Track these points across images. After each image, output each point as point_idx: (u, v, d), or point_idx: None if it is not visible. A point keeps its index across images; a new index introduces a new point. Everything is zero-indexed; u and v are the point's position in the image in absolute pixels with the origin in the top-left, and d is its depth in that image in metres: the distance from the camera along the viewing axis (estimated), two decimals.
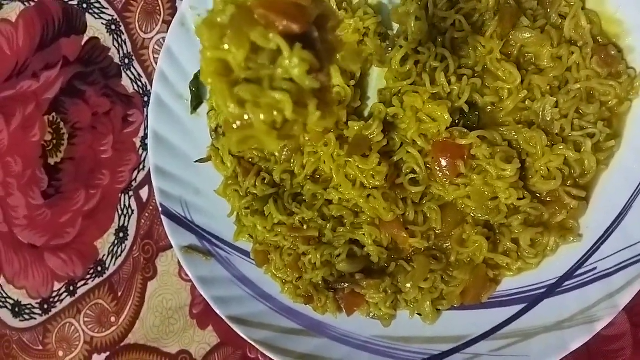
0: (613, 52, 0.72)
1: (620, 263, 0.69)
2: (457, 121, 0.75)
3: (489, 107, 0.76)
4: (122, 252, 1.03)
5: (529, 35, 0.73)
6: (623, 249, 0.69)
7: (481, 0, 0.75)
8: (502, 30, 0.73)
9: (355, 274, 0.80)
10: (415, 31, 0.77)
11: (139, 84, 1.05)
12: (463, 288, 0.76)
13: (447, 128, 0.75)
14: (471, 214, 0.77)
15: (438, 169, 0.76)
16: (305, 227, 0.83)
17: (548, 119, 0.73)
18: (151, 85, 0.94)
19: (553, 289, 0.73)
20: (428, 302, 0.77)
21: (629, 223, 0.70)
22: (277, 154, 0.86)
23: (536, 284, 0.75)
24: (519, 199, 0.73)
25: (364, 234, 0.80)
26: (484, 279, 0.76)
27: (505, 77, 0.74)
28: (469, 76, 0.75)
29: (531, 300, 0.74)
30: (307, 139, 0.82)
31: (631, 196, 0.70)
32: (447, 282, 0.77)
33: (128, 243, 1.02)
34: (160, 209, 0.89)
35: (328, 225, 0.82)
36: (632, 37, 0.72)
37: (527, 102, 0.74)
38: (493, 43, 0.74)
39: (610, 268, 0.70)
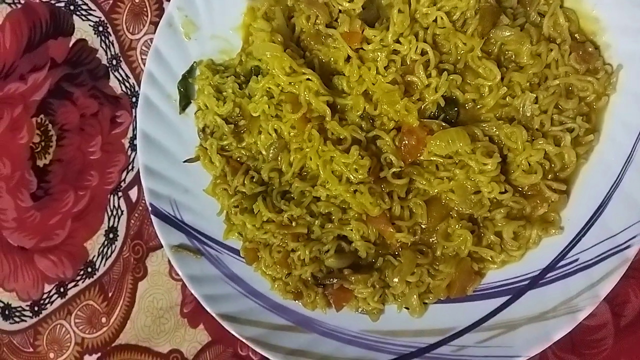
0: (590, 49, 0.74)
1: (601, 254, 0.71)
2: (436, 114, 0.77)
3: (469, 104, 0.78)
4: (112, 252, 1.03)
5: (509, 34, 0.75)
6: (603, 241, 0.71)
7: None
8: (483, 28, 0.75)
9: (343, 269, 0.81)
10: (397, 23, 0.78)
11: (127, 85, 1.05)
12: (449, 281, 0.78)
13: (429, 118, 0.78)
14: (455, 208, 0.78)
15: (403, 148, 0.78)
16: (293, 224, 0.83)
17: (528, 114, 0.75)
18: (139, 86, 0.95)
19: (536, 281, 0.75)
20: (415, 296, 0.79)
21: (609, 215, 0.72)
22: (264, 152, 0.87)
23: (520, 276, 0.76)
24: (501, 192, 0.75)
25: (351, 230, 0.81)
26: (469, 272, 0.77)
27: (485, 75, 0.76)
28: (449, 71, 0.77)
29: (515, 292, 0.76)
30: (292, 134, 0.83)
31: (610, 189, 0.72)
32: (434, 276, 0.79)
33: (118, 243, 1.03)
34: (150, 209, 0.90)
35: (316, 221, 0.83)
36: (608, 35, 0.74)
37: (507, 99, 0.76)
38: (474, 41, 0.75)
39: (591, 259, 0.71)
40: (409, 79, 0.79)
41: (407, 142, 0.78)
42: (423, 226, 0.80)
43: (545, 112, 0.74)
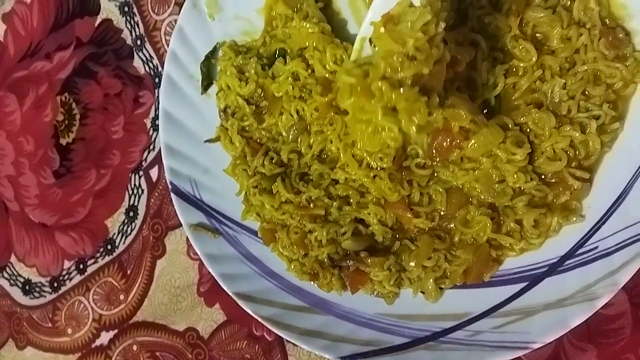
0: (621, 35, 0.72)
1: (621, 242, 0.70)
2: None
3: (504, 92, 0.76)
4: (131, 230, 1.05)
5: (542, 15, 0.73)
6: (624, 229, 0.70)
7: None
8: (518, 6, 0.74)
9: (360, 252, 0.81)
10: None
11: (151, 65, 1.06)
12: (466, 267, 0.77)
13: None
14: (476, 196, 0.78)
15: (435, 145, 0.76)
16: (311, 205, 0.84)
17: (556, 100, 0.73)
18: (162, 67, 0.96)
19: (554, 268, 0.74)
20: (431, 280, 0.78)
21: (630, 203, 0.70)
22: (284, 133, 0.87)
23: (538, 263, 0.75)
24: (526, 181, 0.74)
25: (369, 214, 0.81)
26: (486, 258, 0.77)
27: (521, 56, 0.74)
28: (499, 60, 0.75)
29: (533, 278, 0.75)
30: (314, 116, 0.83)
31: (632, 177, 0.71)
32: (451, 261, 0.78)
33: (138, 222, 1.04)
34: (170, 187, 0.91)
35: (334, 204, 0.83)
36: (635, 21, 0.72)
37: (537, 83, 0.74)
38: (511, 20, 0.74)
39: (611, 247, 0.70)
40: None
41: (441, 142, 0.76)
42: (442, 213, 0.79)
43: (572, 97, 0.73)
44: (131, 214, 1.05)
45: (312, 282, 0.85)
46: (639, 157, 0.71)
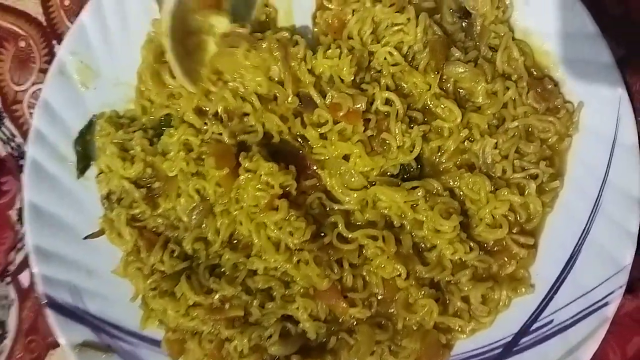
0: (549, 86, 0.68)
1: (577, 313, 0.65)
2: (397, 174, 0.70)
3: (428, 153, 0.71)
4: (1, 353, 0.86)
5: (463, 70, 0.68)
6: (577, 298, 0.65)
7: (408, 32, 0.69)
8: (436, 62, 0.68)
9: (291, 356, 0.69)
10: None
11: (13, 145, 0.91)
12: (414, 358, 0.68)
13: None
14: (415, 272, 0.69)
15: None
16: (227, 306, 0.71)
17: (489, 161, 0.68)
18: (27, 147, 0.79)
19: (510, 348, 0.68)
20: None
21: (581, 267, 0.66)
22: (185, 218, 0.74)
23: (491, 344, 0.69)
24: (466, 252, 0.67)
25: (297, 308, 0.70)
26: (436, 345, 0.69)
27: (445, 115, 0.68)
28: (418, 121, 0.69)
29: None
30: (217, 194, 0.72)
31: (580, 237, 0.67)
32: (396, 353, 0.69)
33: (8, 342, 0.87)
34: (45, 300, 0.74)
35: (254, 301, 0.71)
36: (562, 69, 0.69)
37: (466, 143, 0.69)
38: (429, 77, 0.68)
39: (568, 319, 0.65)
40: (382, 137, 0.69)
41: None
42: (379, 297, 0.70)
43: (506, 157, 0.68)
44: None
45: None
46: (584, 215, 0.67)
